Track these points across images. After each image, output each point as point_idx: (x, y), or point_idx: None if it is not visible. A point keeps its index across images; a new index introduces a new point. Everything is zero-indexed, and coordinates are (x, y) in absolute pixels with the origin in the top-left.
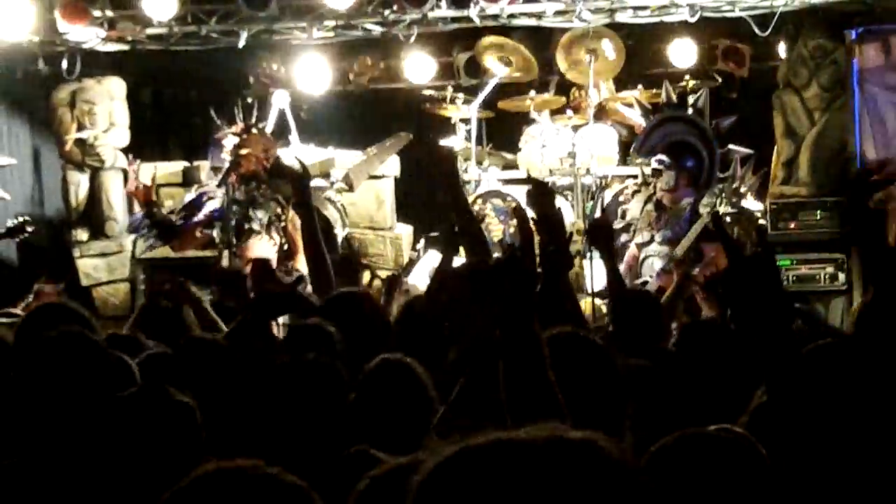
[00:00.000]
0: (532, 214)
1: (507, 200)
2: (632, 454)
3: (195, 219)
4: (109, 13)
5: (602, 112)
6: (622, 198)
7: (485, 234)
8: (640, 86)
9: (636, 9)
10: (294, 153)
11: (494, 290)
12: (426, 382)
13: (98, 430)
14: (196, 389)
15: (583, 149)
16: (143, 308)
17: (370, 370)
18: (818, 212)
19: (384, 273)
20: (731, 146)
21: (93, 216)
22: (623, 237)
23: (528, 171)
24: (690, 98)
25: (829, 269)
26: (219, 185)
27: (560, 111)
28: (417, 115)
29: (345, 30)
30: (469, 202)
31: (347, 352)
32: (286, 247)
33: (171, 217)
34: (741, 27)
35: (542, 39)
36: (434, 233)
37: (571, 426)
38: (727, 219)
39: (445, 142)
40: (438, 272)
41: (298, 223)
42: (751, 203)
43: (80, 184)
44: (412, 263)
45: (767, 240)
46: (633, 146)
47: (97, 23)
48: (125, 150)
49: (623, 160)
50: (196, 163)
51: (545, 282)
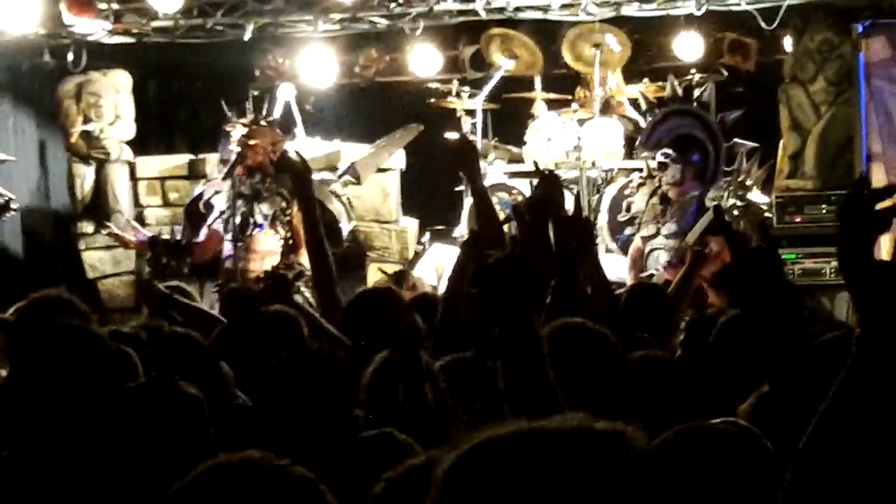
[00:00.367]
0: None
1: (513, 194)
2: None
3: (203, 228)
4: (115, 6)
5: (607, 106)
6: (627, 191)
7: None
8: (646, 80)
9: (642, 2)
10: (294, 147)
11: (496, 288)
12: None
13: (105, 422)
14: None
15: (588, 142)
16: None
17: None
18: (824, 205)
19: (389, 267)
20: (737, 140)
21: (98, 209)
22: (627, 230)
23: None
24: (696, 92)
25: (835, 263)
26: (224, 178)
27: (566, 105)
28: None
29: (350, 23)
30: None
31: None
32: (290, 241)
33: (177, 238)
34: (747, 21)
35: (548, 33)
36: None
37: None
38: (735, 212)
39: (450, 135)
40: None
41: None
42: (756, 196)
43: (86, 176)
44: (418, 256)
45: (770, 233)
46: (639, 140)
47: (103, 15)
48: (130, 143)
49: (629, 154)
50: (202, 155)
51: (561, 277)
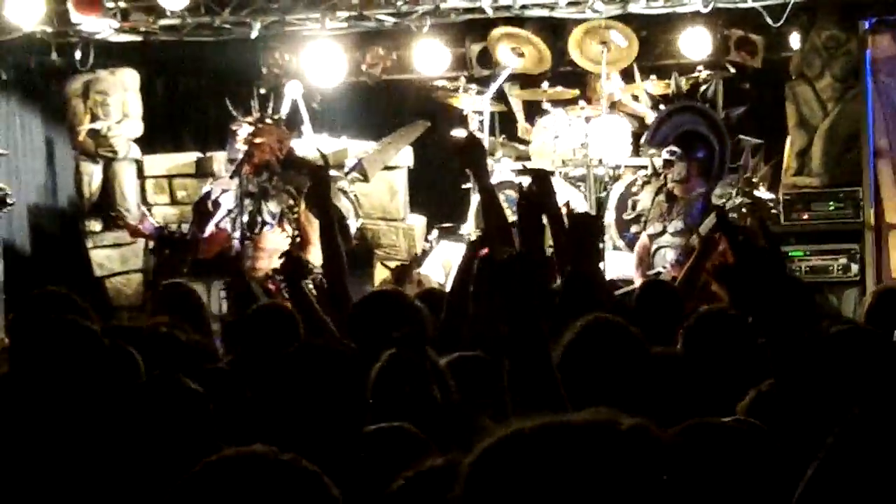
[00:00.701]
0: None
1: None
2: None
3: (210, 224)
4: (122, 4)
5: (614, 103)
6: (633, 189)
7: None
8: (653, 76)
9: None
10: (315, 144)
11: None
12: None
13: (110, 419)
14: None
15: (595, 140)
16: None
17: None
18: (831, 202)
19: (393, 263)
20: (741, 136)
21: (106, 207)
22: (633, 228)
23: (525, 166)
24: (702, 88)
25: (842, 260)
26: (232, 176)
27: (573, 102)
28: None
29: (357, 20)
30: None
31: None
32: (298, 238)
33: (183, 232)
34: (754, 18)
35: (555, 30)
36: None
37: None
38: (743, 210)
39: (457, 132)
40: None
41: (311, 215)
42: (763, 193)
43: (94, 174)
44: (425, 254)
45: (771, 232)
46: (644, 137)
47: (110, 14)
48: (138, 141)
49: (635, 151)
50: (209, 154)
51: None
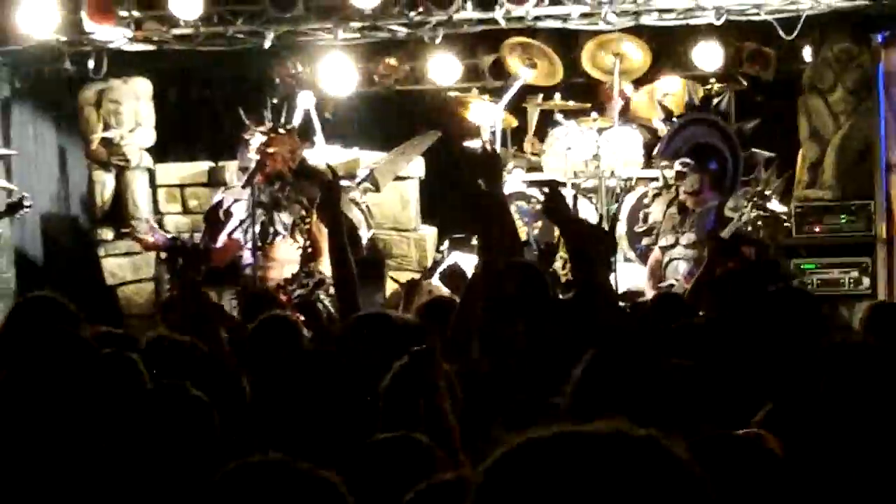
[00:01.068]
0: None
1: (532, 202)
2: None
3: (223, 233)
4: (136, 13)
5: (627, 112)
6: (645, 201)
7: (519, 236)
8: (666, 93)
9: (662, 11)
10: (324, 157)
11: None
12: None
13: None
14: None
15: (607, 151)
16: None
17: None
18: (843, 215)
19: (403, 276)
20: (755, 150)
21: (118, 215)
22: (645, 240)
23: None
24: (715, 101)
25: (854, 273)
26: (244, 186)
27: (585, 113)
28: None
29: (370, 31)
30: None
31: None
32: (310, 249)
33: (195, 241)
34: (767, 30)
35: (568, 42)
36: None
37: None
38: (758, 223)
39: (471, 144)
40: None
41: (322, 225)
42: (775, 206)
43: (106, 183)
44: (436, 265)
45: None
46: (657, 149)
47: (124, 23)
48: (150, 150)
49: (648, 163)
50: (222, 163)
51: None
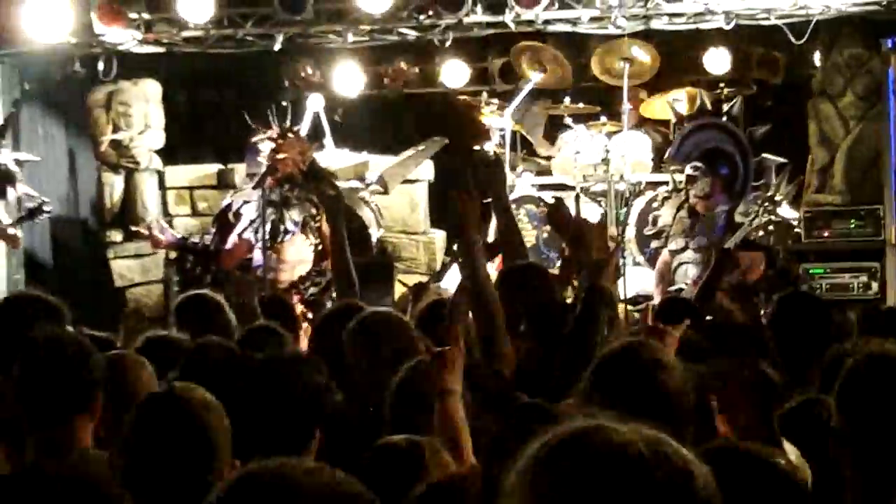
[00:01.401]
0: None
1: (541, 206)
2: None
3: (233, 234)
4: (146, 15)
5: (636, 116)
6: (654, 205)
7: (523, 239)
8: (676, 96)
9: (672, 16)
10: (333, 160)
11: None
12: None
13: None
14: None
15: (616, 155)
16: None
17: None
18: (852, 220)
19: (411, 280)
20: (765, 155)
21: (127, 217)
22: (654, 244)
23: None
24: (725, 106)
25: (863, 278)
26: (255, 188)
27: (594, 117)
28: (452, 118)
29: (380, 34)
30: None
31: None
32: (320, 247)
33: (206, 243)
34: (776, 35)
35: (578, 46)
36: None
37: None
38: (770, 228)
39: (485, 146)
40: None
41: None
42: (786, 211)
43: (115, 185)
44: (445, 268)
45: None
46: (668, 152)
47: (133, 25)
48: (160, 152)
49: (657, 167)
50: (231, 165)
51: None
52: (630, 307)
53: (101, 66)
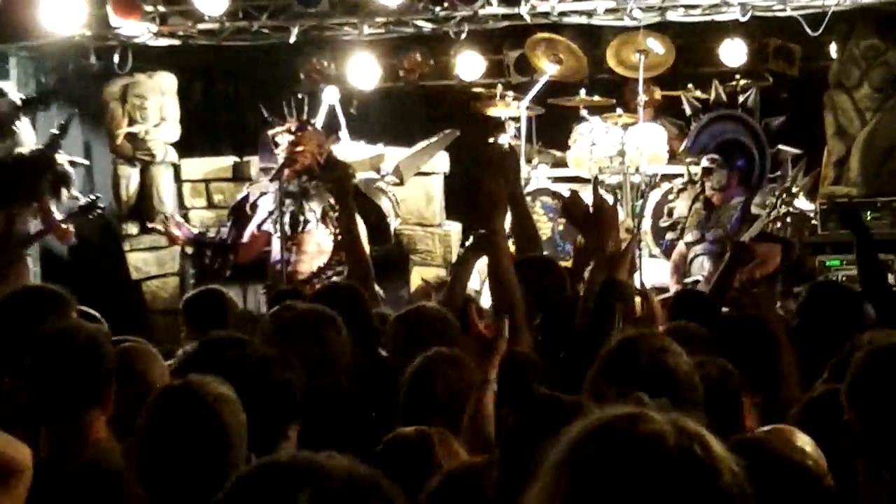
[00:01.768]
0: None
1: (556, 198)
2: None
3: (250, 226)
4: (161, 8)
5: (651, 108)
6: (669, 197)
7: (537, 231)
8: (690, 84)
9: (687, 7)
10: (348, 152)
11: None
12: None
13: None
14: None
15: (632, 147)
16: None
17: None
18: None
19: (428, 272)
20: (781, 147)
21: (143, 210)
22: (669, 235)
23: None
24: (741, 97)
25: None
26: (272, 180)
27: (610, 109)
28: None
29: (395, 26)
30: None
31: None
32: (340, 237)
33: (222, 237)
34: (792, 26)
35: (593, 37)
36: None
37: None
38: (788, 219)
39: (500, 139)
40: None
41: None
42: (802, 203)
43: (131, 178)
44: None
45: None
46: (684, 144)
47: (149, 18)
48: (175, 145)
49: (672, 159)
50: (246, 158)
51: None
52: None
53: (117, 59)
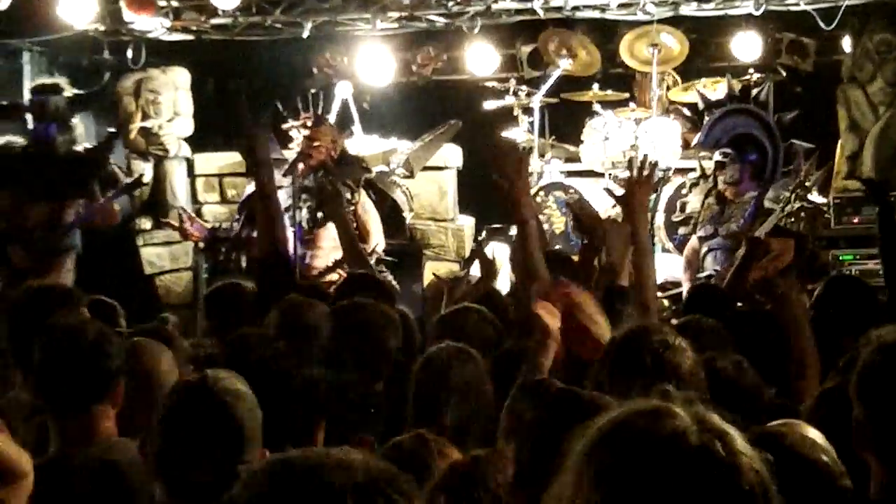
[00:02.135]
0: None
1: (570, 193)
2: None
3: None
4: (175, 3)
5: (667, 105)
6: (682, 191)
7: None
8: (704, 79)
9: (700, 1)
10: (361, 147)
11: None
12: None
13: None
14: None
15: (645, 142)
16: None
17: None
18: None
19: (441, 267)
20: (794, 141)
21: (156, 205)
22: (682, 230)
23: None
24: (754, 91)
25: None
26: (285, 175)
27: (623, 104)
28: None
29: (408, 21)
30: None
31: None
32: (357, 231)
33: (238, 233)
34: (805, 21)
35: (606, 32)
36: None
37: None
38: (802, 214)
39: (507, 134)
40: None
41: (368, 206)
42: (815, 198)
43: (144, 173)
44: (474, 256)
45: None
46: (697, 138)
47: (162, 12)
48: (188, 140)
49: (685, 153)
50: None
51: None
52: (659, 294)
53: (130, 54)
